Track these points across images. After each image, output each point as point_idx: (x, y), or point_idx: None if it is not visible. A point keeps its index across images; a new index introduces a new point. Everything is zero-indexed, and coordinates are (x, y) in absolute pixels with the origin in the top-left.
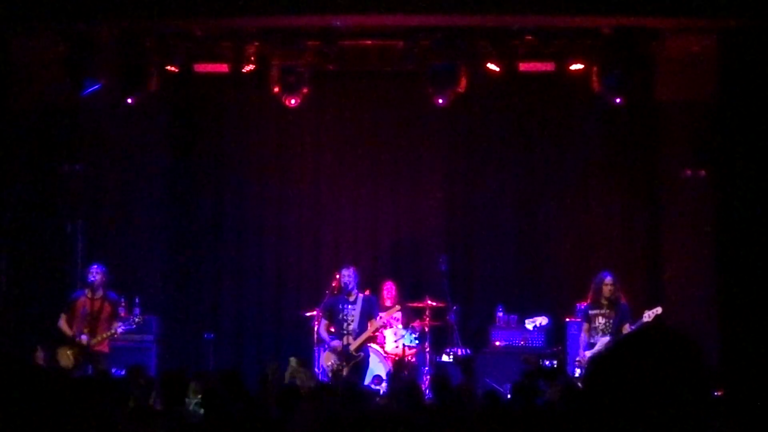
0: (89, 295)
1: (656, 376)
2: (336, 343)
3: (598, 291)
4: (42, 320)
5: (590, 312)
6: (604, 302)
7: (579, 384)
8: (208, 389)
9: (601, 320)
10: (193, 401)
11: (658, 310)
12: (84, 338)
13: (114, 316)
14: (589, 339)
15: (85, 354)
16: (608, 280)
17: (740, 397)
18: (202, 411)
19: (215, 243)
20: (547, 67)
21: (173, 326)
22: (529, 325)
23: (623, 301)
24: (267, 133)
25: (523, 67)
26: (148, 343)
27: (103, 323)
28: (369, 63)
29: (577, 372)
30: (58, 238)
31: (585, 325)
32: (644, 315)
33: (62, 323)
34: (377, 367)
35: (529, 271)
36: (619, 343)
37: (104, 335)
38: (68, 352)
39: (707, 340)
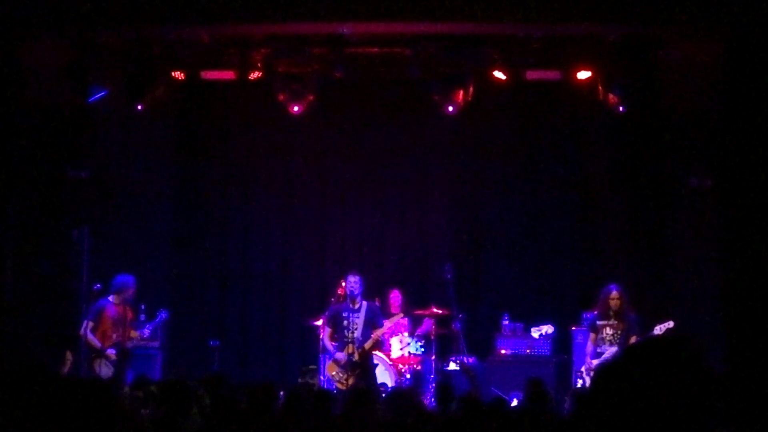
0: (114, 301)
1: (662, 383)
2: (340, 355)
3: (606, 303)
4: (48, 325)
5: (598, 323)
6: (612, 314)
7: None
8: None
9: (608, 331)
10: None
11: (670, 324)
12: (111, 352)
13: (135, 320)
14: (596, 348)
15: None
16: (615, 293)
17: (746, 406)
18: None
19: (221, 250)
20: (554, 75)
21: (178, 333)
22: (534, 333)
23: (631, 313)
24: (273, 140)
25: (530, 75)
26: (153, 350)
27: (128, 327)
28: (375, 71)
29: (579, 382)
30: (64, 243)
31: (591, 335)
32: (655, 329)
33: (88, 332)
34: (383, 375)
35: (534, 279)
36: (626, 352)
37: (132, 335)
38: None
39: (714, 348)
